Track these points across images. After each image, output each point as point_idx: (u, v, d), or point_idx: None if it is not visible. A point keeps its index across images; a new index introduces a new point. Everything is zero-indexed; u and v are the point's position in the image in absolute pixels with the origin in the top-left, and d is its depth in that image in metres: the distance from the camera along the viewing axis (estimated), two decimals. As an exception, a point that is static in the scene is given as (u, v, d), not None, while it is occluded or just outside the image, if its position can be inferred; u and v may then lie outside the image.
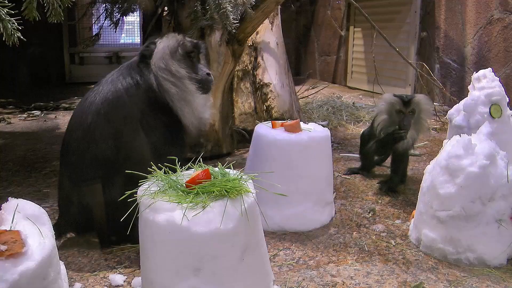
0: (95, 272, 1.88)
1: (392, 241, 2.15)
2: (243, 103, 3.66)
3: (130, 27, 8.42)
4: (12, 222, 1.35)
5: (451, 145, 2.06)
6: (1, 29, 1.80)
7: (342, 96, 5.54)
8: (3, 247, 1.21)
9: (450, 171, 1.99)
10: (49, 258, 1.29)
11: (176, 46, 2.09)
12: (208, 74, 2.12)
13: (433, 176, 2.06)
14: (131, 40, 8.50)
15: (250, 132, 3.54)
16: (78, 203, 2.03)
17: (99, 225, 2.05)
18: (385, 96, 2.72)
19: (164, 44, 2.09)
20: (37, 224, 1.37)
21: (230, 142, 3.41)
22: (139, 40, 8.04)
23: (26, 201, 1.45)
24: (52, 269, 1.30)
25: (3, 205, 1.41)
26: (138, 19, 7.70)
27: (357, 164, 3.23)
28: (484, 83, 2.87)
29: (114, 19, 3.57)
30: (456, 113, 3.00)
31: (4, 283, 1.17)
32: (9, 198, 1.44)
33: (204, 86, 2.11)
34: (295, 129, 2.21)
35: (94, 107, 2.00)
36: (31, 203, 1.45)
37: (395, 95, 2.65)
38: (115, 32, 4.05)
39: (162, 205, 1.51)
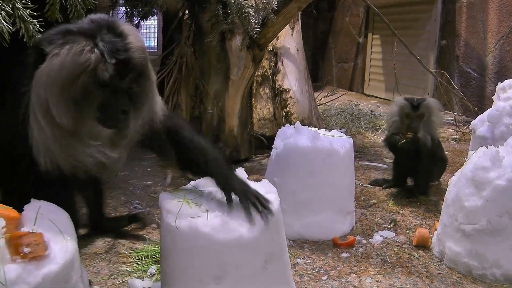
0: (113, 276, 1.86)
1: (415, 253, 2.10)
2: (262, 108, 3.63)
3: (147, 31, 8.43)
4: (34, 224, 1.33)
5: (478, 157, 2.00)
6: (23, 30, 1.80)
7: (359, 104, 5.49)
8: (26, 250, 1.19)
9: (476, 183, 1.94)
10: (72, 261, 1.27)
11: (77, 74, 1.40)
12: (123, 111, 1.49)
13: (458, 188, 2.01)
14: (147, 44, 8.52)
15: (269, 138, 3.52)
16: None
17: None
18: (396, 99, 2.77)
19: (60, 62, 1.41)
20: (59, 226, 1.35)
21: (248, 148, 3.39)
22: (156, 44, 8.06)
23: (48, 203, 1.43)
24: (74, 273, 1.28)
25: (25, 206, 1.40)
26: (155, 23, 7.72)
27: (377, 174, 3.19)
28: (510, 94, 2.83)
29: (134, 23, 3.57)
30: (480, 123, 2.96)
31: (27, 286, 1.15)
32: (31, 199, 1.42)
33: (108, 124, 1.51)
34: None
35: None
36: (53, 205, 1.43)
37: (405, 99, 2.69)
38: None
39: (185, 210, 1.49)
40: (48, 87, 1.42)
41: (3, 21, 1.69)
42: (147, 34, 8.31)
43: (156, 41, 8.09)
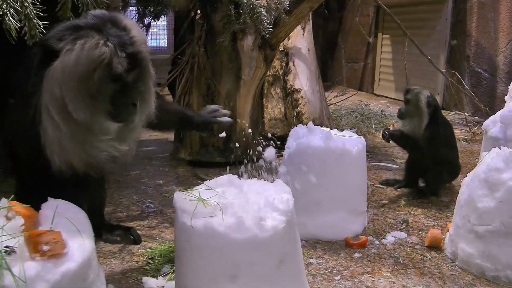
0: (127, 274, 1.88)
1: (427, 254, 2.10)
2: (273, 108, 3.64)
3: (156, 30, 8.42)
4: (51, 223, 1.35)
5: (491, 158, 2.00)
6: (27, 28, 1.80)
7: (369, 104, 5.48)
8: (45, 248, 1.20)
9: (489, 184, 1.93)
10: (89, 259, 1.29)
11: (93, 68, 1.43)
12: (134, 104, 1.55)
13: (471, 189, 2.00)
14: (157, 44, 8.50)
15: (280, 138, 3.52)
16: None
17: None
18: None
19: (76, 57, 1.42)
20: (77, 225, 1.36)
21: (259, 147, 3.39)
22: (165, 43, 8.06)
23: (65, 202, 1.45)
24: (91, 271, 1.30)
25: (42, 205, 1.42)
26: (165, 23, 7.72)
27: (388, 174, 3.19)
28: (523, 94, 2.81)
29: (145, 23, 3.59)
30: (492, 124, 2.94)
31: (46, 283, 1.17)
32: (49, 198, 1.44)
33: (118, 118, 1.56)
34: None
35: None
36: (70, 204, 1.45)
37: (410, 86, 2.80)
38: (147, 35, 4.07)
39: (199, 210, 1.50)
40: (63, 83, 1.43)
41: (11, 18, 1.70)
42: (156, 33, 8.31)
43: (165, 40, 8.09)
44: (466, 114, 4.83)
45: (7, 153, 1.82)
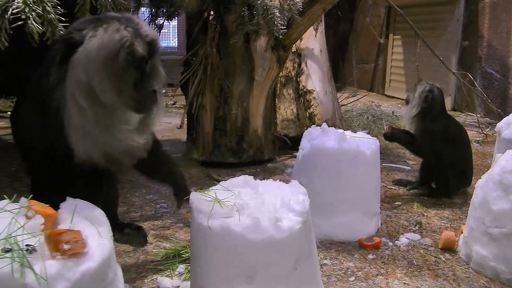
0: (142, 274, 1.89)
1: (441, 256, 2.09)
2: (286, 109, 3.65)
3: (166, 31, 8.43)
4: (71, 222, 1.36)
5: (506, 160, 1.99)
6: (49, 32, 1.83)
7: (381, 105, 5.47)
8: (66, 247, 1.22)
9: (504, 186, 1.92)
10: (108, 259, 1.30)
11: (117, 50, 1.49)
12: (154, 91, 1.59)
13: (485, 191, 2.00)
14: (167, 44, 8.54)
15: (292, 139, 3.54)
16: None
17: None
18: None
19: (99, 40, 1.49)
20: (95, 225, 1.38)
21: (272, 148, 3.40)
22: (176, 44, 8.08)
23: (83, 201, 1.46)
24: (110, 271, 1.31)
25: (61, 204, 1.43)
26: (175, 23, 7.73)
27: (400, 176, 3.18)
28: (537, 96, 2.79)
29: (158, 23, 3.60)
30: (506, 126, 2.93)
31: (67, 282, 1.18)
32: (67, 198, 1.46)
33: (141, 107, 1.60)
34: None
35: None
36: (89, 204, 1.46)
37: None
38: (158, 35, 4.08)
39: (216, 210, 1.51)
40: (89, 67, 1.47)
41: (33, 22, 1.73)
42: (166, 34, 8.33)
43: (176, 41, 8.11)
44: (478, 115, 4.80)
45: (21, 153, 1.84)
